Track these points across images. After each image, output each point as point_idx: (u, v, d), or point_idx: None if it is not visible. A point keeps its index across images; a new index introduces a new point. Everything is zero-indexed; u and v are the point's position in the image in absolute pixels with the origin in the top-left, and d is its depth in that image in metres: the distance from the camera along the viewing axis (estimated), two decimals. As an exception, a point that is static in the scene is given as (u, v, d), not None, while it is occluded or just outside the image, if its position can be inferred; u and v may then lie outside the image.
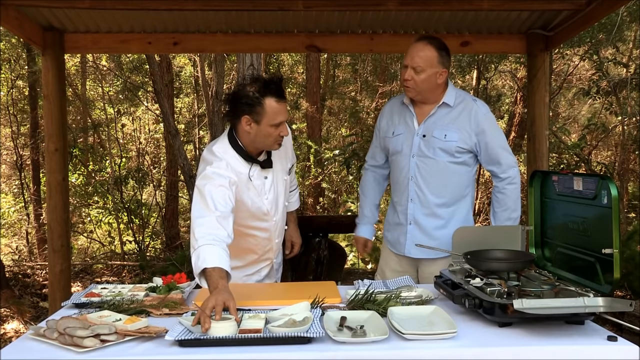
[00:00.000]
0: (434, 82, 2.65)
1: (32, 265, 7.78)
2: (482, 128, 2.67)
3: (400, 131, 2.79)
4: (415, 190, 2.74)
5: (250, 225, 2.55)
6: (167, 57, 9.13)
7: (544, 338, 1.74)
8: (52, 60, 3.77)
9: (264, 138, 2.38)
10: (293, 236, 2.94)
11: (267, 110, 2.31)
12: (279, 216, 2.65)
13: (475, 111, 2.68)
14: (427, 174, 2.71)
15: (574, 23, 3.58)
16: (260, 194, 2.51)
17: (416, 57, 2.62)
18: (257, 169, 2.49)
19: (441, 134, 2.67)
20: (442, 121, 2.70)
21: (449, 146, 2.67)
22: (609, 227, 1.89)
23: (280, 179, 2.62)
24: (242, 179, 2.44)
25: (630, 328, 1.86)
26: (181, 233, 9.55)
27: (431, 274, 2.59)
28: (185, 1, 3.34)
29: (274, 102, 2.31)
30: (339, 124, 11.89)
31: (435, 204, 2.72)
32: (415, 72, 2.63)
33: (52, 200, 3.82)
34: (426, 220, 2.74)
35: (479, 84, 10.09)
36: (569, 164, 8.44)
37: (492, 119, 2.73)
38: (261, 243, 2.64)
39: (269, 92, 2.30)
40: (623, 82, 7.56)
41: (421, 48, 2.63)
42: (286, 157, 2.67)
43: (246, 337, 1.69)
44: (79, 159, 9.45)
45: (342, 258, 4.62)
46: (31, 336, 1.79)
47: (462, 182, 2.73)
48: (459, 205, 2.75)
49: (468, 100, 2.73)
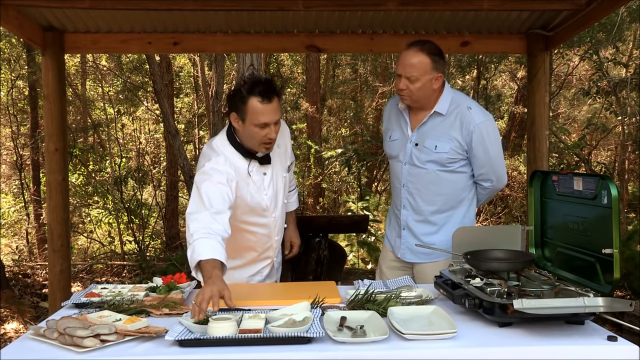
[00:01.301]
0: (429, 88, 2.58)
1: (32, 265, 7.78)
2: (474, 139, 2.58)
3: (396, 137, 2.77)
4: (407, 198, 2.72)
5: (249, 221, 2.56)
6: (167, 57, 9.12)
7: (544, 338, 1.74)
8: (52, 60, 3.77)
9: (249, 137, 2.41)
10: (292, 237, 2.94)
11: (249, 110, 2.34)
12: (278, 213, 2.65)
13: (469, 121, 2.57)
14: (419, 183, 2.68)
15: (574, 23, 3.58)
16: (259, 190, 2.53)
17: (409, 66, 2.54)
18: (255, 165, 2.51)
19: (432, 144, 2.61)
20: (435, 131, 2.62)
21: (439, 157, 2.60)
22: (609, 227, 1.89)
23: (279, 176, 2.63)
24: (242, 173, 2.46)
25: (630, 328, 1.86)
26: (181, 233, 9.54)
27: (423, 273, 2.64)
28: (185, 1, 3.34)
29: (257, 102, 2.33)
30: (339, 124, 11.89)
31: (428, 212, 2.70)
32: (410, 81, 2.55)
33: (52, 200, 3.82)
34: (418, 227, 2.73)
35: (478, 84, 10.09)
36: (569, 164, 8.44)
37: (488, 129, 2.60)
38: (261, 240, 2.64)
39: (254, 92, 2.33)
40: (623, 82, 7.56)
41: (413, 56, 2.54)
42: (285, 155, 2.68)
43: (246, 337, 1.69)
44: (79, 159, 9.45)
45: (342, 258, 4.61)
46: (31, 336, 1.79)
47: (456, 188, 2.68)
48: (455, 211, 2.70)
49: (462, 108, 2.61)
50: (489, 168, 2.65)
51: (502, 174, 2.71)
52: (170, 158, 9.54)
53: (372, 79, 11.87)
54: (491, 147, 2.62)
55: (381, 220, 7.58)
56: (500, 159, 2.70)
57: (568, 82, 10.76)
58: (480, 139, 2.59)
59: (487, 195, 2.81)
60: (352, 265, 7.84)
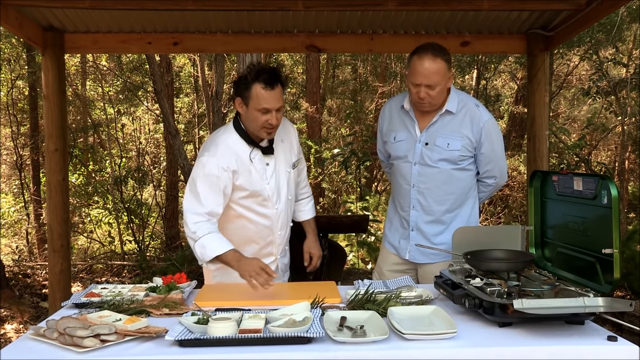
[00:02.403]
0: (445, 90, 2.62)
1: (32, 265, 7.77)
2: (483, 135, 2.64)
3: (402, 137, 2.75)
4: (417, 199, 2.72)
5: (249, 207, 2.59)
6: (167, 57, 9.12)
7: (544, 338, 1.74)
8: (52, 60, 3.77)
9: (251, 122, 2.50)
10: (311, 247, 2.86)
11: (252, 95, 2.45)
12: (281, 207, 2.65)
13: (478, 118, 2.64)
14: (431, 183, 2.68)
15: (574, 23, 3.58)
16: (261, 178, 2.57)
17: (432, 75, 2.52)
18: (258, 153, 2.58)
19: (444, 142, 2.64)
20: (445, 129, 2.66)
21: (452, 155, 2.64)
22: (609, 227, 1.89)
23: (283, 169, 2.65)
24: (243, 160, 2.54)
25: (630, 328, 1.86)
26: (181, 233, 9.53)
27: (431, 274, 2.59)
28: (185, 1, 3.34)
29: (260, 88, 2.43)
30: (339, 124, 11.89)
31: (440, 212, 2.71)
32: (431, 88, 2.54)
33: (52, 200, 3.82)
34: (428, 227, 2.73)
35: (478, 84, 10.09)
36: (569, 164, 8.44)
37: (494, 126, 2.70)
38: (262, 232, 2.65)
39: (258, 78, 2.44)
40: (623, 82, 7.56)
41: (431, 63, 2.52)
42: (291, 152, 2.72)
43: (246, 337, 1.69)
44: (79, 159, 9.45)
45: (342, 258, 4.61)
46: (31, 336, 1.79)
47: (465, 187, 2.72)
48: (462, 209, 2.73)
49: (470, 106, 2.68)
50: (494, 164, 2.71)
51: (505, 170, 2.80)
52: (170, 158, 9.54)
53: (372, 79, 11.87)
54: (497, 144, 2.72)
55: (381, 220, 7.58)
56: (504, 155, 2.81)
57: (568, 82, 10.76)
58: (488, 135, 2.65)
59: (489, 193, 2.85)
60: (352, 265, 7.83)
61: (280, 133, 2.64)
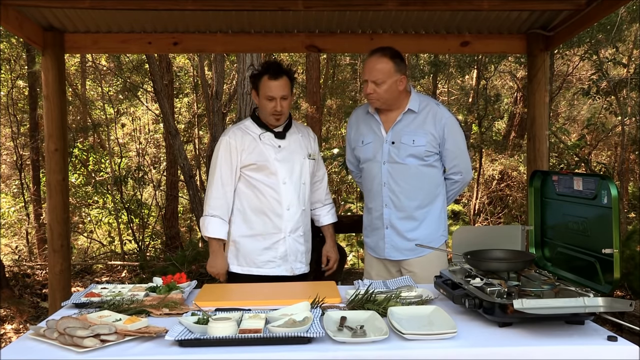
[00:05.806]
0: (395, 90, 2.76)
1: (32, 265, 7.78)
2: (446, 132, 2.78)
3: (369, 140, 2.88)
4: (389, 196, 2.82)
5: (255, 177, 2.86)
6: (167, 57, 9.12)
7: (544, 338, 1.75)
8: (52, 60, 3.77)
9: (262, 109, 2.89)
10: (329, 250, 3.09)
11: (261, 85, 2.85)
12: (291, 186, 2.86)
13: (440, 115, 2.79)
14: (400, 179, 2.80)
15: (574, 23, 3.58)
16: (268, 151, 2.86)
17: (374, 70, 2.73)
18: (270, 135, 2.91)
19: (409, 139, 2.78)
20: (409, 127, 2.80)
21: (418, 151, 2.77)
22: (609, 227, 1.89)
23: (296, 153, 2.91)
24: (253, 138, 2.89)
25: (630, 328, 1.86)
26: (181, 233, 9.55)
27: (414, 271, 2.74)
28: (185, 1, 3.34)
29: (266, 79, 2.83)
30: (339, 124, 11.89)
31: (411, 207, 2.81)
32: (376, 84, 2.73)
33: (52, 200, 3.82)
34: (402, 224, 2.82)
35: (478, 84, 10.09)
36: (569, 164, 8.44)
37: (455, 123, 2.84)
38: (271, 203, 2.85)
39: (265, 71, 2.86)
40: (623, 82, 7.56)
41: (377, 61, 2.74)
42: (307, 145, 2.99)
43: (246, 337, 1.69)
44: (79, 159, 9.45)
45: (342, 258, 4.60)
46: (31, 336, 1.79)
47: (433, 183, 2.84)
48: (432, 206, 2.84)
49: (432, 105, 2.84)
50: (459, 160, 2.85)
51: (469, 167, 2.93)
52: (170, 158, 9.54)
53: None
54: (460, 140, 2.86)
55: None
56: (467, 152, 2.93)
57: (568, 82, 10.76)
58: (451, 131, 2.81)
59: (457, 191, 2.96)
60: (352, 265, 7.84)
61: (301, 130, 3.03)
